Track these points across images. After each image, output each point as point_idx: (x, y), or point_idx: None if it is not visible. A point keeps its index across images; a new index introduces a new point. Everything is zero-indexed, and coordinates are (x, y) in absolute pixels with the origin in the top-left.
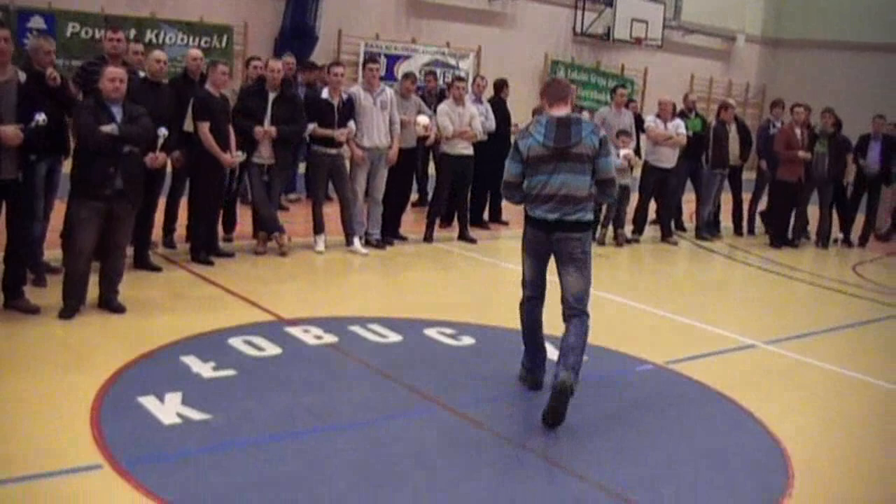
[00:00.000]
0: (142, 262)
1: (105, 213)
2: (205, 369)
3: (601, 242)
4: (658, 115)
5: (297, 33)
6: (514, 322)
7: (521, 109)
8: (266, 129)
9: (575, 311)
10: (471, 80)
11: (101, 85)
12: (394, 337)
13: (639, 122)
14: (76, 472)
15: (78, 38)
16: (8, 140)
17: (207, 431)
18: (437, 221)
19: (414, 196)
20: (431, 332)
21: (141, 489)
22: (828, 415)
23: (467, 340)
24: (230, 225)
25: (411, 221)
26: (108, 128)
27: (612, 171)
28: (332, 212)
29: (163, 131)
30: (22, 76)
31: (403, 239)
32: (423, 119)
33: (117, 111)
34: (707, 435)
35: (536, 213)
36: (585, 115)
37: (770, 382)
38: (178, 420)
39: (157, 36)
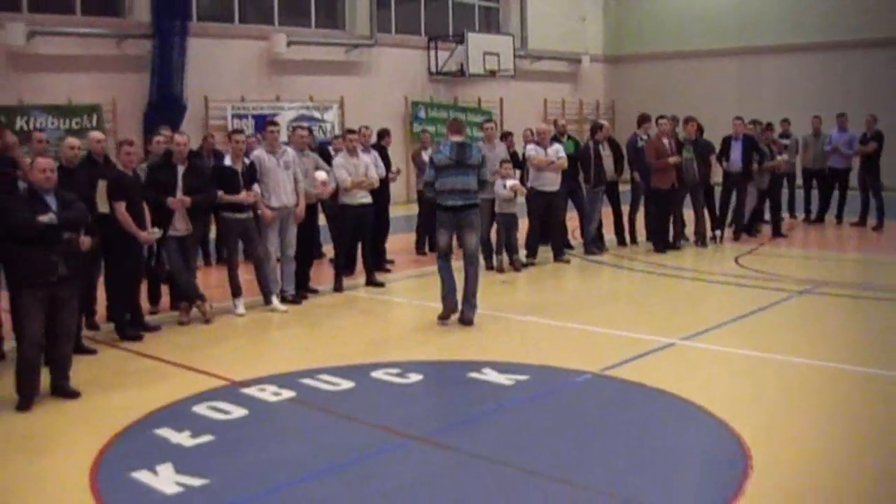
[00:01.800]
0: (76, 346)
1: (49, 300)
2: (183, 438)
3: (500, 270)
4: (537, 143)
5: (165, 104)
6: (450, 355)
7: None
8: (181, 198)
9: (472, 259)
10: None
11: (32, 176)
12: (346, 384)
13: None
14: None
15: None
16: None
17: (210, 495)
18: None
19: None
20: (379, 374)
21: None
22: (768, 396)
23: (415, 377)
24: (155, 298)
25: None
26: (46, 217)
27: (488, 175)
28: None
29: None
30: None
31: (315, 291)
32: (321, 175)
33: (51, 200)
34: (665, 427)
35: (448, 202)
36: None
37: (703, 374)
38: (179, 489)
39: (27, 122)
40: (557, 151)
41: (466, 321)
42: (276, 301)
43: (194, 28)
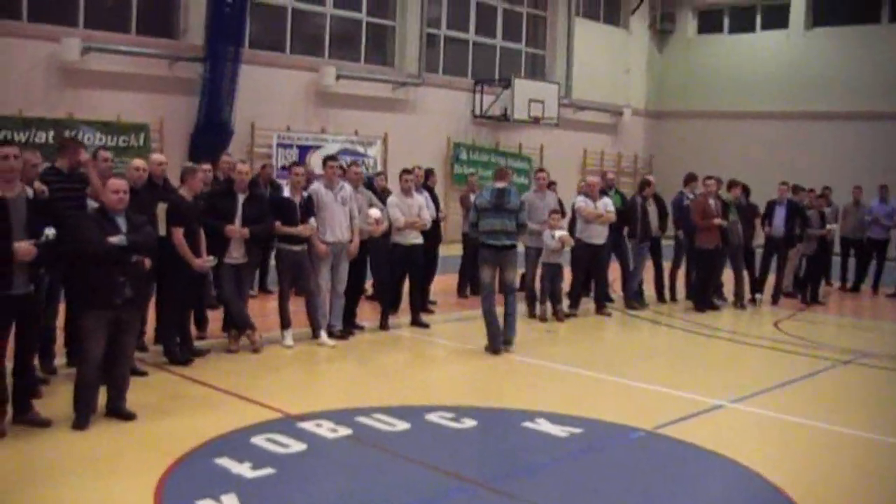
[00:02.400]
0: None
1: (113, 322)
2: (244, 470)
3: (543, 318)
4: (586, 194)
5: (212, 129)
6: (500, 402)
7: None
8: (238, 229)
9: (511, 289)
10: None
11: (104, 197)
12: (401, 425)
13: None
14: None
15: None
16: (22, 256)
17: None
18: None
19: None
20: (433, 417)
21: None
22: (821, 465)
23: (469, 423)
24: (202, 323)
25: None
26: (115, 239)
27: (526, 219)
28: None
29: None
30: (29, 192)
31: (361, 328)
32: (374, 213)
33: (121, 221)
34: (721, 491)
35: (489, 241)
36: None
37: (755, 438)
38: None
39: (76, 136)
40: (606, 205)
41: (507, 342)
42: (324, 335)
43: (246, 55)
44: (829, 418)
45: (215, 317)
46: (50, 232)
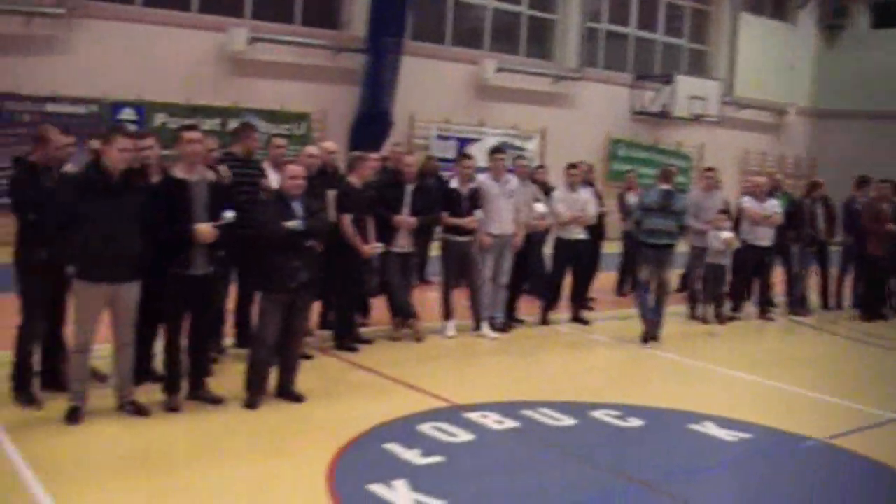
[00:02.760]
0: None
1: (287, 305)
2: (413, 456)
3: (704, 320)
4: (752, 195)
5: (373, 119)
6: (664, 402)
7: None
8: (406, 219)
9: (665, 289)
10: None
11: (281, 181)
12: (567, 420)
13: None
14: None
15: (166, 128)
16: (204, 238)
17: None
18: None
19: None
20: (599, 415)
21: None
22: None
23: (635, 422)
24: (365, 311)
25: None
26: (292, 223)
27: (688, 221)
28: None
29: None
30: (211, 175)
31: (521, 321)
32: (539, 207)
33: (297, 206)
34: None
35: (651, 240)
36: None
37: None
38: None
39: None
40: (773, 207)
41: (654, 338)
42: (486, 327)
43: (407, 46)
44: None
45: (377, 305)
46: (229, 215)
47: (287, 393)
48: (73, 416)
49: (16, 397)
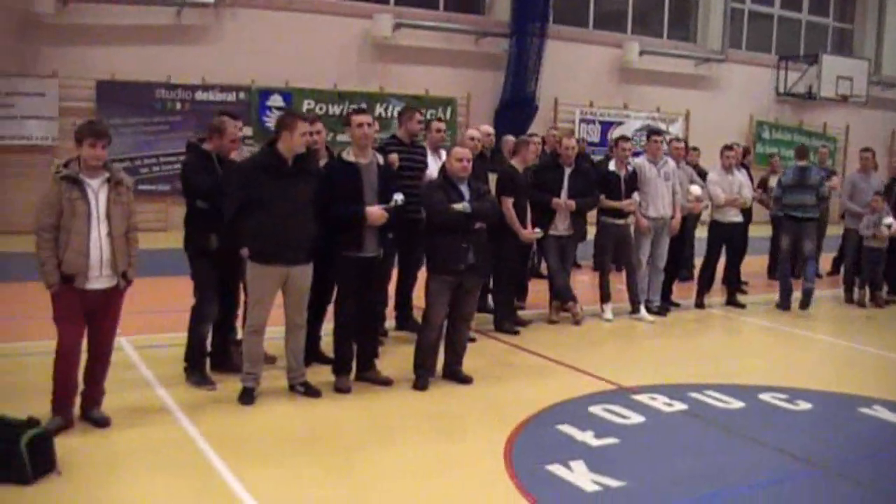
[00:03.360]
0: None
1: (455, 287)
2: (587, 437)
3: (861, 304)
4: None
5: (517, 104)
6: (829, 386)
7: None
8: (566, 201)
9: (812, 257)
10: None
11: (448, 164)
12: (736, 403)
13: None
14: None
15: (313, 113)
16: (374, 220)
17: (631, 498)
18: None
19: None
20: (767, 398)
21: None
22: None
23: (804, 405)
24: (522, 294)
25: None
26: (459, 206)
27: (826, 193)
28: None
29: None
30: (380, 159)
31: (676, 305)
32: (695, 190)
33: (464, 189)
34: None
35: (792, 213)
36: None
37: None
38: (598, 487)
39: (385, 109)
40: None
41: (803, 305)
42: (643, 310)
43: (550, 30)
44: None
45: (534, 288)
46: (399, 198)
47: (455, 374)
48: (247, 396)
49: (189, 378)
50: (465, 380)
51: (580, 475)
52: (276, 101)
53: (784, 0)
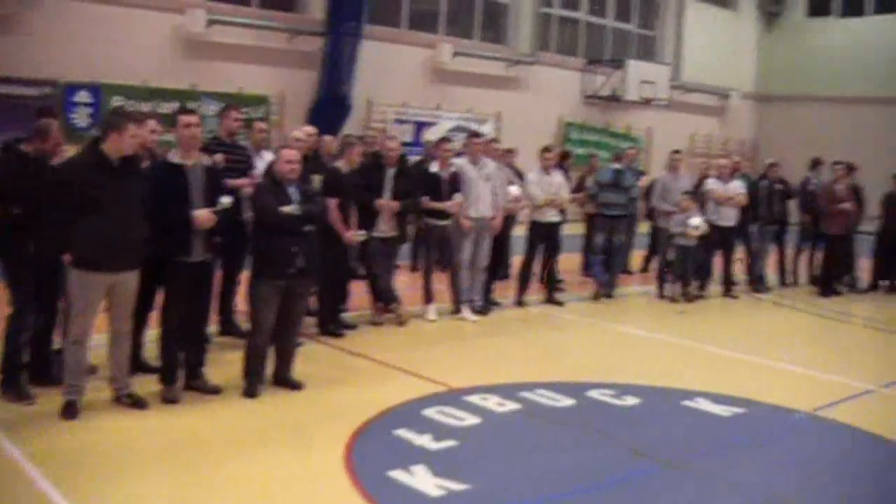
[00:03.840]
0: None
1: (285, 291)
2: (426, 441)
3: (673, 299)
4: (717, 177)
5: (331, 103)
6: (653, 380)
7: None
8: (388, 202)
9: (617, 252)
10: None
11: (276, 166)
12: (566, 401)
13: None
14: None
15: (122, 111)
16: (202, 223)
17: (479, 500)
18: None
19: None
20: (595, 394)
21: None
22: None
23: (631, 400)
24: (345, 296)
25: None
26: (288, 208)
27: (637, 195)
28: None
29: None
30: (206, 160)
31: (497, 304)
32: (514, 190)
33: (293, 191)
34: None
35: (605, 212)
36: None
37: None
38: (442, 492)
39: (198, 108)
40: (737, 188)
41: (607, 295)
42: (466, 310)
43: (366, 30)
44: None
45: (356, 290)
46: (226, 200)
47: (285, 380)
48: (70, 410)
49: (4, 393)
50: (296, 385)
51: (423, 480)
52: (84, 97)
53: (591, 6)
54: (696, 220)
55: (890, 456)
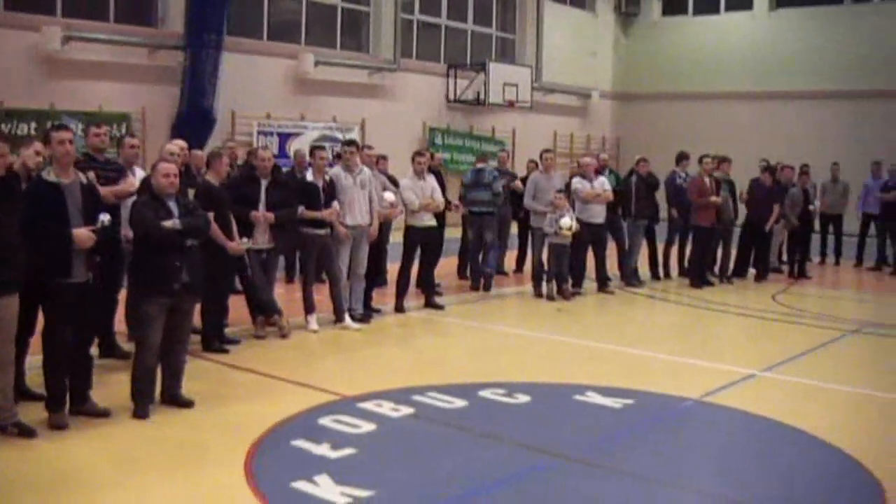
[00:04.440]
0: None
1: (170, 308)
2: (324, 450)
3: (550, 297)
4: (582, 175)
5: (194, 117)
6: (541, 377)
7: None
8: (264, 214)
9: (493, 248)
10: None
11: (154, 180)
12: (459, 402)
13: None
14: None
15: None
16: (82, 242)
17: None
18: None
19: None
20: (487, 394)
21: None
22: (873, 428)
23: (523, 398)
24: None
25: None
26: (170, 223)
27: (500, 189)
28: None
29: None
30: (83, 178)
31: (378, 311)
32: (389, 196)
33: (173, 206)
34: (788, 452)
35: (473, 209)
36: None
37: (797, 404)
38: (349, 499)
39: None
40: (603, 185)
41: (486, 287)
42: (348, 319)
43: (226, 42)
44: (866, 383)
45: (234, 304)
46: (105, 218)
47: (175, 399)
48: None
49: None
50: (187, 403)
51: (327, 489)
52: None
53: (451, 11)
54: (567, 220)
55: (779, 436)
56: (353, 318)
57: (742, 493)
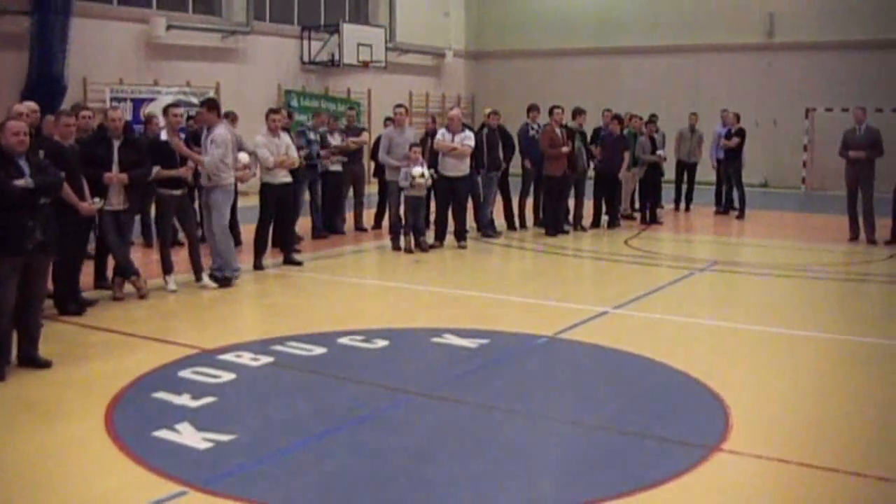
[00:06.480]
0: None
1: (23, 268)
2: (185, 400)
3: (408, 250)
4: (447, 128)
5: (44, 84)
6: (400, 324)
7: None
8: (117, 175)
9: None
10: None
11: (3, 140)
12: (318, 349)
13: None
14: (168, 500)
15: None
16: None
17: (245, 447)
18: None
19: None
20: (345, 341)
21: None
22: (723, 357)
23: (381, 342)
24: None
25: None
26: (22, 182)
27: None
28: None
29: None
30: None
31: (236, 270)
32: (243, 157)
33: (23, 164)
34: (638, 377)
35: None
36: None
37: (647, 336)
38: (210, 444)
39: None
40: (465, 138)
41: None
42: (206, 278)
43: (75, 7)
44: (710, 315)
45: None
46: None
47: (32, 360)
48: None
49: None
50: (45, 364)
51: (189, 435)
52: None
53: None
54: (419, 169)
55: (630, 364)
56: (212, 277)
57: (597, 417)
